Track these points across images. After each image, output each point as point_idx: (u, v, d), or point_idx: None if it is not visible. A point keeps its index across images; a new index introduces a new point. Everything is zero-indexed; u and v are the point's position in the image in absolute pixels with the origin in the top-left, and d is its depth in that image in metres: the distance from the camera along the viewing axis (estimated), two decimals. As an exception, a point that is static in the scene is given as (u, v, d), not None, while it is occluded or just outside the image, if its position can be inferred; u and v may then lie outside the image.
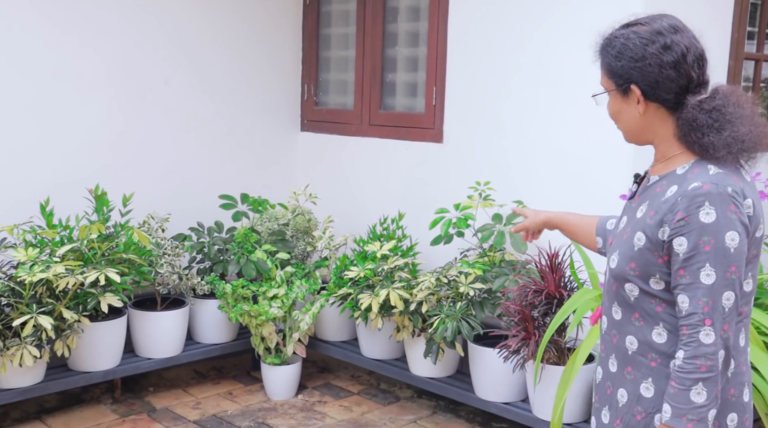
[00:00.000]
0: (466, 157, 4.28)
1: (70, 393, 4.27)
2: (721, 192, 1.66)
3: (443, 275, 3.76)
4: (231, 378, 4.67)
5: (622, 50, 1.77)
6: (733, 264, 1.66)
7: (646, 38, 1.75)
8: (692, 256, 1.67)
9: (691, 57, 1.75)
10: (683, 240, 1.67)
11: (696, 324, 1.66)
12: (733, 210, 1.66)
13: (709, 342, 1.65)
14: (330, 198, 4.91)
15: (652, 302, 1.78)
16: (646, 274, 1.76)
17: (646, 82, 1.75)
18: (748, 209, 1.71)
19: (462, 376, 4.01)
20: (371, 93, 4.72)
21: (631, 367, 1.83)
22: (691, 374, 1.66)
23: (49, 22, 4.04)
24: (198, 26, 4.60)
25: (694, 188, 1.68)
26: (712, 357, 1.65)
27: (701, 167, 1.74)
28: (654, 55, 1.73)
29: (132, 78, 4.37)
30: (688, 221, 1.67)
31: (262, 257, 4.25)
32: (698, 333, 1.66)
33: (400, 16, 4.62)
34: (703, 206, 1.66)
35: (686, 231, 1.67)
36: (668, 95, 1.76)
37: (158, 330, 4.18)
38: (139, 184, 4.40)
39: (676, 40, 1.75)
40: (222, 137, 4.80)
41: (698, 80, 1.76)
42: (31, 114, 4.04)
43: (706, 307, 1.65)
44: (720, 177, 1.70)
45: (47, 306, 3.50)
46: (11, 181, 3.97)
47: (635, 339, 1.82)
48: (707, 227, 1.65)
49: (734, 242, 1.66)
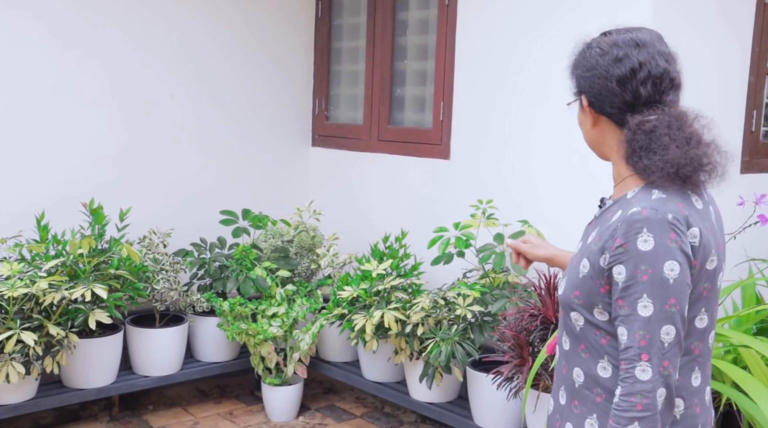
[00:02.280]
0: (472, 174, 4.13)
1: (67, 409, 4.22)
2: (660, 219, 1.53)
3: (440, 296, 3.61)
4: (233, 397, 4.58)
5: (579, 60, 1.73)
6: (673, 296, 1.52)
7: (602, 49, 1.68)
8: (630, 286, 1.54)
9: (643, 74, 1.63)
10: (622, 268, 1.55)
11: (632, 359, 1.53)
12: (673, 238, 1.53)
13: (646, 378, 1.51)
14: (338, 215, 4.80)
15: (596, 334, 1.65)
16: (590, 303, 1.64)
17: (592, 93, 1.69)
18: (693, 238, 1.57)
19: (462, 402, 3.84)
20: (380, 108, 4.61)
21: (577, 401, 1.71)
22: (626, 412, 1.53)
23: (53, 35, 4.02)
24: (206, 40, 4.56)
25: (633, 213, 1.56)
26: (648, 395, 1.51)
27: (646, 192, 1.61)
28: (603, 66, 1.66)
29: (137, 92, 4.34)
30: (626, 248, 1.54)
31: (261, 275, 4.15)
32: (634, 369, 1.52)
33: (410, 29, 4.51)
34: (641, 232, 1.53)
35: (624, 259, 1.55)
36: (612, 110, 1.67)
37: (156, 347, 4.11)
38: (143, 199, 4.36)
39: (631, 54, 1.64)
40: (230, 152, 4.73)
41: (648, 99, 1.64)
42: (34, 127, 4.02)
43: (642, 341, 1.52)
44: (661, 203, 1.56)
45: (33, 322, 3.44)
46: (13, 194, 3.95)
47: (582, 372, 1.69)
48: (644, 255, 1.52)
49: (674, 273, 1.52)
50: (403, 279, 3.86)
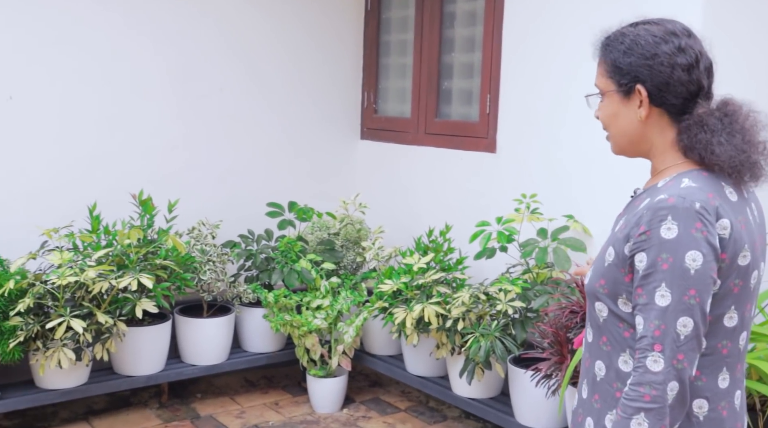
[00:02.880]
0: (518, 168, 4.08)
1: (119, 395, 4.33)
2: (687, 207, 1.49)
3: (481, 291, 3.57)
4: (280, 388, 4.63)
5: (631, 46, 1.62)
6: (693, 288, 1.47)
7: (660, 37, 1.60)
8: (650, 274, 1.50)
9: (703, 64, 1.61)
10: (643, 256, 1.52)
11: (645, 349, 1.49)
12: (699, 228, 1.48)
13: (657, 369, 1.47)
14: (385, 208, 4.81)
15: (620, 326, 1.61)
16: (615, 293, 1.60)
17: (654, 83, 1.60)
18: (723, 230, 1.51)
19: (505, 398, 3.81)
20: (428, 101, 4.59)
21: (598, 395, 1.67)
22: (633, 401, 1.49)
23: (108, 29, 4.12)
24: (257, 33, 4.61)
25: (660, 200, 1.52)
26: (658, 387, 1.47)
27: (676, 180, 1.57)
28: (667, 54, 1.59)
29: (188, 84, 4.41)
30: (649, 235, 1.50)
31: (306, 267, 4.18)
32: (646, 359, 1.49)
33: (457, 21, 4.48)
34: (666, 220, 1.49)
35: (646, 247, 1.51)
36: (676, 100, 1.60)
37: (203, 336, 4.18)
38: (194, 190, 4.44)
39: (690, 44, 1.61)
40: (280, 145, 4.78)
41: (708, 89, 1.62)
42: (88, 121, 4.13)
43: (657, 331, 1.48)
44: (690, 191, 1.52)
45: (83, 310, 3.54)
46: (67, 186, 4.07)
47: (603, 365, 1.66)
48: (666, 243, 1.48)
49: (695, 263, 1.47)
50: (445, 273, 3.84)
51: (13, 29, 3.85)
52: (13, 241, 3.84)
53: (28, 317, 3.50)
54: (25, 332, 3.45)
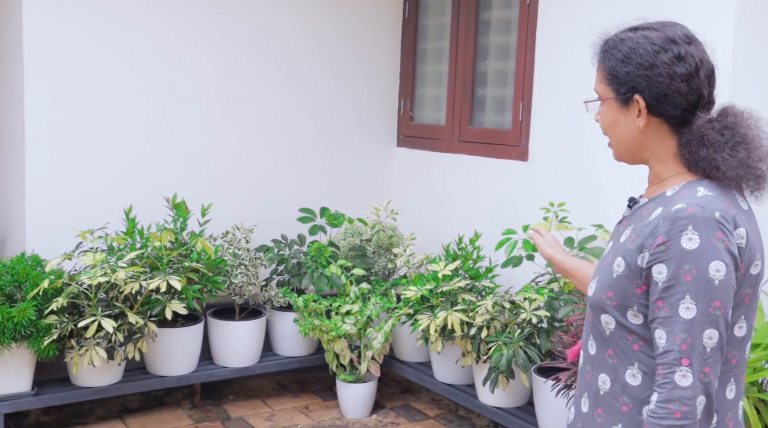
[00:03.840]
0: (550, 176, 4.05)
1: (153, 395, 4.43)
2: (707, 216, 1.46)
3: (506, 299, 3.55)
4: (312, 392, 4.67)
5: (629, 54, 1.59)
6: (717, 299, 1.44)
7: (659, 45, 1.57)
8: (671, 286, 1.46)
9: (704, 72, 1.57)
10: (663, 267, 1.47)
11: (672, 363, 1.45)
12: (720, 237, 1.45)
13: (686, 384, 1.43)
14: (419, 215, 4.82)
15: (628, 339, 1.57)
16: (624, 305, 1.56)
17: (652, 94, 1.57)
18: (740, 239, 1.49)
19: (531, 408, 3.77)
20: (462, 108, 4.58)
21: (601, 409, 1.63)
22: (663, 420, 1.44)
23: (145, 34, 4.22)
24: (295, 39, 4.67)
25: (678, 210, 1.48)
26: (688, 403, 1.43)
27: (690, 188, 1.54)
28: (666, 64, 1.55)
29: (225, 90, 4.49)
30: (669, 246, 1.47)
31: (336, 272, 4.21)
32: (674, 374, 1.44)
33: (492, 29, 4.47)
34: (686, 230, 1.45)
35: (666, 258, 1.47)
36: (675, 111, 1.57)
37: (234, 339, 4.25)
38: (229, 195, 4.51)
39: (691, 52, 1.57)
40: (316, 151, 4.83)
41: (708, 98, 1.58)
42: (126, 124, 4.23)
43: (683, 344, 1.44)
44: (708, 200, 1.49)
45: (114, 310, 3.63)
46: (103, 188, 4.18)
47: (608, 378, 1.62)
48: (689, 254, 1.45)
49: (720, 274, 1.44)
50: (471, 281, 3.83)
51: (57, 36, 3.98)
52: (53, 243, 3.96)
53: (62, 316, 3.61)
54: (59, 330, 3.56)
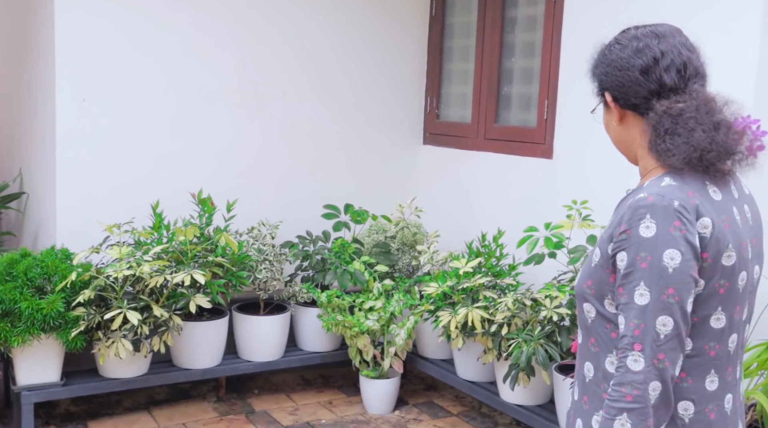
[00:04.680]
0: (575, 174, 4.03)
1: (179, 387, 4.49)
2: (665, 205, 1.49)
3: (527, 297, 3.55)
4: (335, 387, 4.70)
5: (599, 58, 1.72)
6: (671, 286, 1.47)
7: (622, 44, 1.67)
8: (630, 273, 1.51)
9: (665, 62, 1.61)
10: (624, 255, 1.52)
11: (625, 348, 1.49)
12: (678, 226, 1.48)
13: (638, 369, 1.47)
14: (445, 212, 4.82)
15: (607, 327, 1.61)
16: (600, 294, 1.61)
17: (614, 87, 1.66)
18: (704, 229, 1.50)
19: (553, 406, 3.76)
20: (487, 106, 4.58)
21: (587, 396, 1.68)
22: (616, 402, 1.49)
23: (174, 34, 4.29)
24: (321, 37, 4.70)
25: (639, 199, 1.52)
26: (639, 387, 1.46)
27: (657, 180, 1.57)
28: (623, 58, 1.64)
29: (252, 88, 4.54)
30: (629, 234, 1.51)
31: (359, 269, 4.24)
32: (626, 358, 1.49)
33: (518, 26, 4.46)
34: (644, 219, 1.50)
35: (627, 246, 1.52)
36: (636, 100, 1.63)
37: (259, 333, 4.29)
38: (255, 191, 4.56)
39: (651, 44, 1.63)
40: (341, 149, 4.86)
41: (674, 87, 1.61)
42: (157, 122, 4.31)
43: (636, 330, 1.48)
44: (670, 190, 1.52)
45: (140, 303, 3.70)
46: (135, 185, 4.25)
47: (592, 366, 1.66)
48: (645, 241, 1.49)
49: (674, 262, 1.47)
50: (493, 278, 3.83)
51: (87, 33, 4.05)
52: (82, 236, 4.04)
53: (90, 308, 3.68)
54: (86, 322, 3.63)
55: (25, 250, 3.76)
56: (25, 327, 3.55)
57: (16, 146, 5.10)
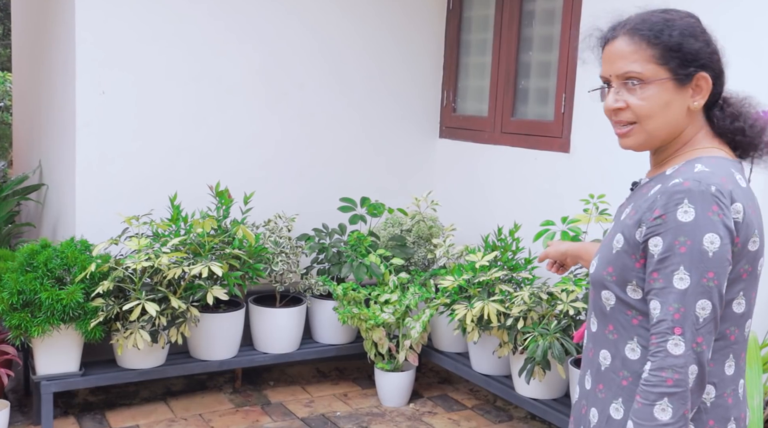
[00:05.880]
0: (592, 168, 4.02)
1: (196, 379, 4.53)
2: (703, 190, 1.49)
3: (544, 290, 3.55)
4: (351, 380, 4.72)
5: (694, 33, 1.60)
6: (711, 270, 1.47)
7: (703, 27, 1.63)
8: (666, 258, 1.49)
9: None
10: (659, 240, 1.51)
11: (665, 332, 1.48)
12: (716, 211, 1.48)
13: (678, 353, 1.46)
14: (461, 206, 4.82)
15: (628, 314, 1.61)
16: (623, 280, 1.60)
17: (715, 72, 1.62)
18: (737, 214, 1.51)
19: (568, 400, 3.76)
20: (504, 100, 4.57)
21: (602, 384, 1.67)
22: (655, 387, 1.48)
23: (193, 26, 4.30)
24: (339, 30, 4.71)
25: (674, 184, 1.52)
26: (680, 370, 1.46)
27: (689, 166, 1.57)
28: (715, 43, 1.63)
29: (270, 81, 4.55)
30: (665, 219, 1.50)
31: (375, 262, 4.25)
32: (666, 342, 1.47)
33: (536, 20, 4.44)
34: (682, 203, 1.49)
35: (662, 231, 1.50)
36: (720, 89, 1.65)
37: (274, 325, 4.31)
38: (272, 184, 4.58)
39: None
40: (359, 142, 4.87)
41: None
42: (175, 115, 4.33)
43: (676, 314, 1.47)
44: (705, 175, 1.52)
45: (158, 294, 3.73)
46: (154, 177, 4.28)
47: (609, 354, 1.65)
48: (684, 226, 1.48)
49: (713, 246, 1.47)
50: (509, 272, 3.83)
51: (108, 26, 4.08)
52: (101, 228, 4.08)
53: (108, 299, 3.72)
54: (105, 312, 3.66)
55: (45, 241, 3.79)
56: (45, 318, 3.58)
57: (36, 138, 5.15)
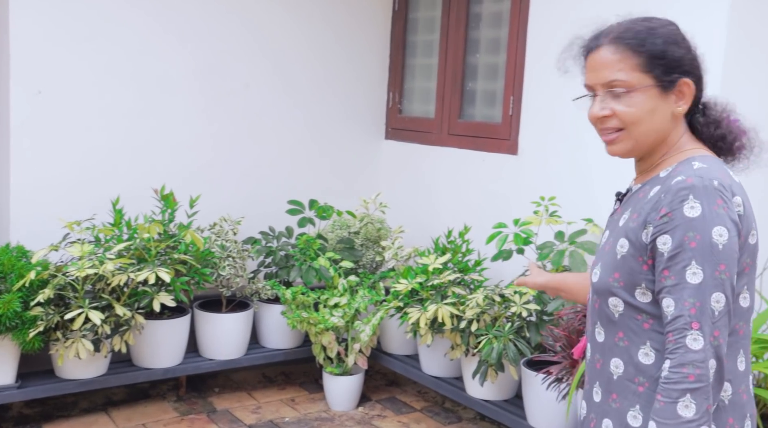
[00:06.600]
0: (540, 170, 4.06)
1: (138, 387, 4.39)
2: (706, 185, 1.49)
3: (496, 293, 3.56)
4: (297, 385, 4.65)
5: (676, 39, 1.61)
6: (722, 263, 1.47)
7: (682, 33, 1.64)
8: (677, 254, 1.49)
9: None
10: (667, 238, 1.50)
11: (682, 328, 1.46)
12: (721, 204, 1.49)
13: (698, 347, 1.45)
14: (408, 208, 4.81)
15: (638, 319, 1.58)
16: (631, 284, 1.58)
17: (696, 77, 1.63)
18: (738, 207, 1.52)
19: (519, 401, 3.78)
20: (451, 101, 4.58)
21: (616, 394, 1.63)
22: (677, 384, 1.45)
23: (133, 23, 4.17)
24: (283, 30, 4.63)
25: (678, 182, 1.52)
26: (701, 365, 1.44)
27: (686, 164, 1.58)
28: (693, 47, 1.64)
29: (213, 81, 4.45)
30: (672, 216, 1.50)
31: (324, 265, 4.20)
32: (685, 338, 1.46)
33: (483, 22, 4.46)
34: (688, 199, 1.49)
35: (670, 228, 1.50)
36: (701, 94, 1.65)
37: (220, 331, 4.22)
38: (217, 186, 4.48)
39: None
40: (304, 143, 4.81)
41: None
42: (115, 116, 4.18)
43: (693, 309, 1.46)
44: (705, 171, 1.53)
45: (102, 302, 3.59)
46: (94, 179, 4.12)
47: (621, 362, 1.62)
48: (692, 221, 1.48)
49: (723, 238, 1.47)
50: (461, 274, 3.83)
51: (43, 24, 3.91)
52: (38, 233, 3.91)
53: (48, 308, 3.56)
54: (45, 322, 3.51)
55: (-21, 247, 3.62)
56: (-20, 328, 3.41)
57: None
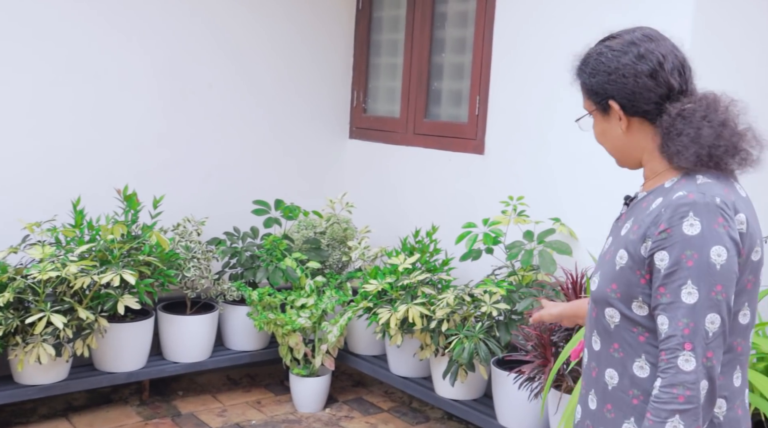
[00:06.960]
0: (506, 170, 4.07)
1: (99, 392, 4.29)
2: (707, 202, 1.48)
3: (466, 293, 3.56)
4: (263, 387, 4.60)
5: (596, 66, 1.65)
6: (719, 283, 1.46)
7: (618, 50, 1.63)
8: (673, 272, 1.47)
9: (669, 65, 1.61)
10: (665, 254, 1.49)
11: (674, 348, 1.46)
12: (721, 223, 1.47)
13: (689, 369, 1.44)
14: (374, 207, 4.79)
15: (634, 331, 1.58)
16: (628, 296, 1.57)
17: (622, 95, 1.62)
18: (741, 225, 1.51)
19: (488, 400, 3.79)
20: (417, 101, 4.57)
21: (611, 404, 1.63)
22: (667, 404, 1.45)
23: (95, 21, 4.07)
24: (246, 30, 4.58)
25: (679, 197, 1.50)
26: (691, 387, 1.44)
27: (689, 178, 1.56)
28: (627, 65, 1.61)
29: (176, 80, 4.37)
30: (671, 233, 1.48)
31: (291, 266, 4.16)
32: (677, 359, 1.45)
33: (448, 22, 4.46)
34: (687, 216, 1.47)
35: (668, 244, 1.48)
36: (648, 106, 1.61)
37: (185, 333, 4.15)
38: (180, 186, 4.40)
39: (651, 48, 1.62)
40: (267, 143, 4.75)
41: (680, 89, 1.62)
42: (73, 113, 4.08)
43: (686, 329, 1.45)
44: (708, 187, 1.52)
45: (64, 305, 3.50)
46: (50, 179, 4.02)
47: (615, 373, 1.62)
48: (691, 240, 1.46)
49: (721, 258, 1.46)
50: (430, 274, 3.82)
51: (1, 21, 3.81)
52: (-5, 234, 3.80)
53: (7, 312, 3.46)
54: (3, 327, 3.41)
55: (-66, 250, 3.50)
56: (-64, 333, 3.30)
57: None
